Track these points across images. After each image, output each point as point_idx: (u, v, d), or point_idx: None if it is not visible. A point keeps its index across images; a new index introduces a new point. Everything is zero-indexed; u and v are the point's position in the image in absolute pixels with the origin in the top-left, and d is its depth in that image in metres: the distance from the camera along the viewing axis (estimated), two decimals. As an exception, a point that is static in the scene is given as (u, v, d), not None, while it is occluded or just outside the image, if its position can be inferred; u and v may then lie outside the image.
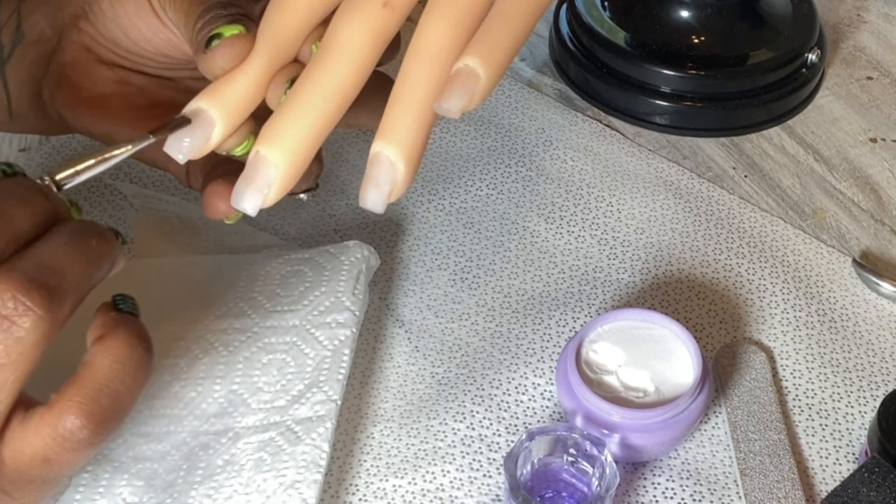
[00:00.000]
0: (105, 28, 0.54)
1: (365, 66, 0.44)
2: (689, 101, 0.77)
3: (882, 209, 0.72)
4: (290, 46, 0.46)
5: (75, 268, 0.40)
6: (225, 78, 0.46)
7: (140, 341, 0.42)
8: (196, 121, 0.46)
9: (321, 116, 0.44)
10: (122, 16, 0.53)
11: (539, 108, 0.78)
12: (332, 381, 0.58)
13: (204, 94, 0.46)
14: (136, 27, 0.53)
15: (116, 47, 0.54)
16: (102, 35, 0.54)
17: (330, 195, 0.71)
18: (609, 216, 0.71)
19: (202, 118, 0.46)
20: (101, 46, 0.54)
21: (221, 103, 0.46)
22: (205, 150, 0.46)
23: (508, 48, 0.43)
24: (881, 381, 0.63)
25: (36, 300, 0.38)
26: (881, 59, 0.84)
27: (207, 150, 0.47)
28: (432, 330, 0.65)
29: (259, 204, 0.44)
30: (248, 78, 0.46)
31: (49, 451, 0.40)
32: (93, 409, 0.40)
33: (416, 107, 0.43)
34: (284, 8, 0.46)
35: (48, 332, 0.39)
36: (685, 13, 0.78)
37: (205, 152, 0.46)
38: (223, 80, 0.46)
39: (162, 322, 0.60)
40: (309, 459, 0.55)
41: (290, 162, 0.43)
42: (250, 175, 0.44)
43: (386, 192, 0.43)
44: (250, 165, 0.44)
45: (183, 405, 0.57)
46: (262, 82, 0.46)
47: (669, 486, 0.58)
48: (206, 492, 0.54)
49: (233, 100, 0.46)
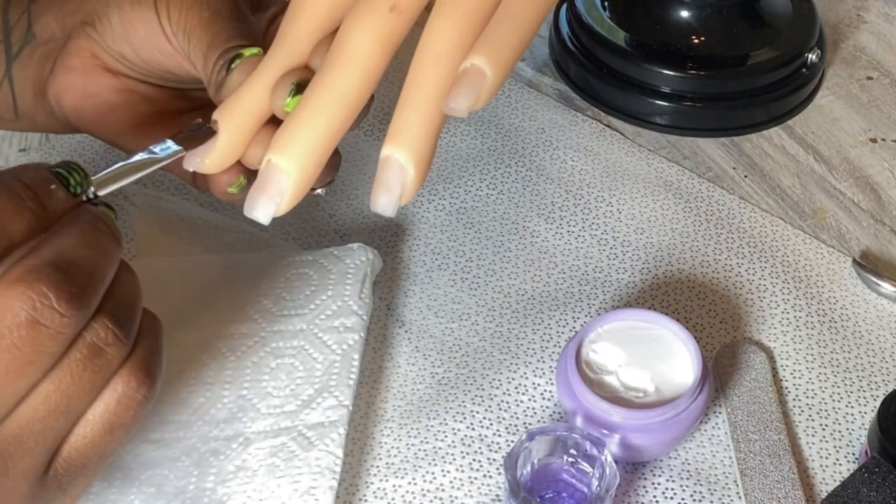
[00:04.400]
0: (113, 41, 0.54)
1: (374, 71, 0.44)
2: (689, 101, 0.77)
3: (882, 209, 0.73)
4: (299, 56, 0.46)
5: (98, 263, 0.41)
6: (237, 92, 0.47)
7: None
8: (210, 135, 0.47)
9: (331, 123, 0.44)
10: (131, 34, 0.53)
11: (539, 108, 0.78)
12: (343, 385, 0.58)
13: (218, 110, 0.47)
14: (146, 48, 0.53)
15: (123, 59, 0.54)
16: (110, 46, 0.54)
17: (331, 196, 0.71)
18: (609, 216, 0.71)
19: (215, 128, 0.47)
20: (107, 55, 0.54)
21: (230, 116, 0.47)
22: (223, 164, 0.47)
23: (515, 47, 0.43)
24: (881, 381, 0.63)
25: (63, 298, 0.39)
26: (881, 59, 0.84)
27: (226, 164, 0.47)
28: (432, 330, 0.65)
29: (272, 212, 0.44)
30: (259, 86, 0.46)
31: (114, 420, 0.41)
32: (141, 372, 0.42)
33: (424, 109, 0.43)
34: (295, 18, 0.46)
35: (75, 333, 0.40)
36: (685, 13, 0.78)
37: (224, 166, 0.47)
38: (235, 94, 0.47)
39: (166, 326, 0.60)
40: (323, 465, 0.55)
41: (301, 169, 0.44)
42: (263, 184, 0.44)
43: (396, 196, 0.44)
44: (262, 174, 0.44)
45: (192, 411, 0.57)
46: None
47: (669, 486, 0.58)
48: (219, 498, 0.54)
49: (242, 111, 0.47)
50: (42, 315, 0.38)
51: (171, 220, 0.68)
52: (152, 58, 0.53)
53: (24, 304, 0.38)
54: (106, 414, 0.41)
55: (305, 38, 0.46)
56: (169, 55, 0.53)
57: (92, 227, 0.41)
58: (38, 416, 0.40)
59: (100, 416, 0.41)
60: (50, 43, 0.55)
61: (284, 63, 0.46)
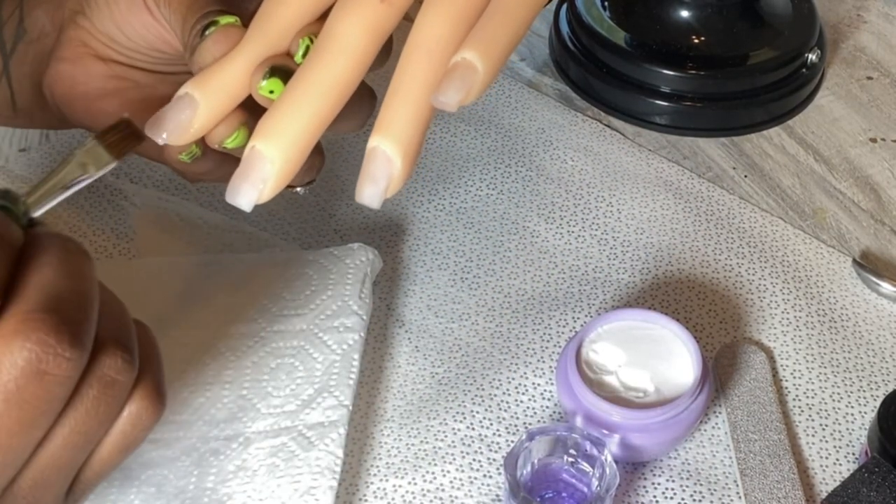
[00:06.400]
0: (101, 23, 0.54)
1: (362, 61, 0.44)
2: (689, 101, 0.77)
3: (882, 209, 0.73)
4: (281, 39, 0.46)
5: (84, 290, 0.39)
6: (212, 66, 0.47)
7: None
8: (178, 102, 0.46)
9: (318, 111, 0.44)
10: (115, 12, 0.53)
11: (539, 108, 0.78)
12: (343, 385, 0.58)
13: (190, 80, 0.47)
14: (129, 23, 0.53)
15: (111, 42, 0.54)
16: (98, 30, 0.54)
17: (330, 195, 0.71)
18: (609, 216, 0.71)
19: (184, 100, 0.46)
20: (96, 42, 0.54)
21: (206, 86, 0.46)
22: (188, 134, 0.46)
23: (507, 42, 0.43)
24: (881, 381, 0.63)
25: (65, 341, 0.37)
26: (881, 59, 0.84)
27: (192, 135, 0.47)
28: (432, 330, 0.65)
29: (254, 199, 0.43)
30: (234, 65, 0.46)
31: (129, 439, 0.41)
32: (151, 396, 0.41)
33: (413, 101, 0.43)
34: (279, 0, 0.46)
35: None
36: (685, 13, 0.78)
37: (189, 136, 0.46)
38: (210, 68, 0.47)
39: (166, 325, 0.60)
40: (323, 465, 0.55)
41: (286, 157, 0.43)
42: (246, 170, 0.43)
43: (382, 188, 0.43)
44: (246, 160, 0.44)
45: (192, 411, 0.57)
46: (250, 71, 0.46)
47: (669, 486, 0.58)
48: (219, 498, 0.54)
49: (218, 85, 0.46)
50: (47, 365, 0.36)
51: (171, 220, 0.68)
52: (137, 34, 0.53)
53: (26, 356, 0.36)
54: (121, 436, 0.40)
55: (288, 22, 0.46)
56: (152, 28, 0.53)
57: (65, 252, 0.38)
58: (58, 458, 0.39)
59: (116, 438, 0.40)
60: (42, 39, 0.55)
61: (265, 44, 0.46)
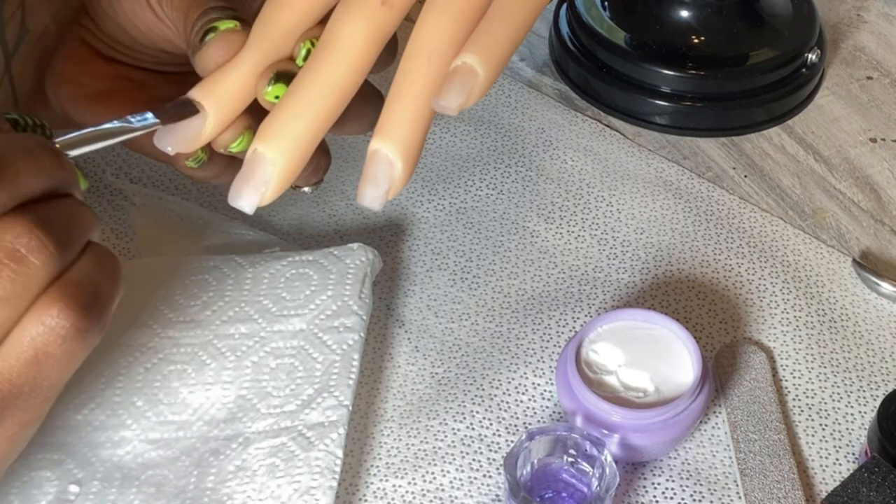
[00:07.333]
0: (104, 23, 0.54)
1: (363, 64, 0.44)
2: (689, 101, 0.77)
3: (882, 209, 0.73)
4: (284, 43, 0.46)
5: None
6: (217, 72, 0.47)
7: None
8: (187, 117, 0.46)
9: (319, 114, 0.44)
10: (119, 12, 0.53)
11: (539, 108, 0.78)
12: (343, 385, 0.58)
13: (196, 87, 0.47)
14: (133, 23, 0.53)
15: (115, 42, 0.54)
16: (102, 30, 0.54)
17: (330, 196, 0.71)
18: (609, 216, 0.71)
19: (191, 108, 0.46)
20: (100, 42, 0.54)
21: (213, 95, 0.46)
22: (196, 143, 0.47)
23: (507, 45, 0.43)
24: (881, 381, 0.63)
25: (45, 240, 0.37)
26: (881, 59, 0.84)
27: (200, 144, 0.47)
28: (432, 330, 0.65)
29: (256, 202, 0.44)
30: (240, 72, 0.46)
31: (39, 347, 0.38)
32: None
33: (414, 104, 0.43)
34: (280, 4, 0.46)
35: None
36: (685, 13, 0.78)
37: (197, 145, 0.47)
38: (215, 73, 0.47)
39: (166, 325, 0.60)
40: (323, 465, 0.55)
41: (287, 160, 0.43)
42: (248, 173, 0.44)
43: (384, 190, 0.43)
44: (248, 163, 0.44)
45: (192, 411, 0.57)
46: (255, 77, 0.46)
47: (669, 486, 0.58)
48: (219, 498, 0.54)
49: (224, 92, 0.46)
50: None
51: (171, 220, 0.68)
52: (141, 34, 0.53)
53: None
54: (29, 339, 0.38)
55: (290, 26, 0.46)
56: (156, 27, 0.53)
57: None
58: None
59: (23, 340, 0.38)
60: (45, 38, 0.55)
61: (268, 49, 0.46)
